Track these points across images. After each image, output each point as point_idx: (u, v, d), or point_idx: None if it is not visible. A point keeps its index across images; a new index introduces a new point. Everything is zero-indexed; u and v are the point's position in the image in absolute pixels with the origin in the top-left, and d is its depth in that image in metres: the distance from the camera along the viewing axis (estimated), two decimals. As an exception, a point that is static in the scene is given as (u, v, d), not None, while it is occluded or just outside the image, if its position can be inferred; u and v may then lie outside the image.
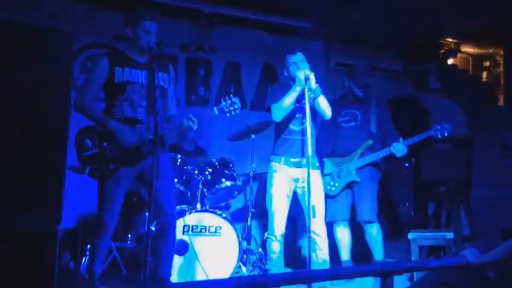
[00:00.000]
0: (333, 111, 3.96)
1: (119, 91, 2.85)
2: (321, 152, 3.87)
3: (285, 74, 3.52)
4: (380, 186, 3.93)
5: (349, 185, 3.84)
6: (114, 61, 2.86)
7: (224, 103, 2.98)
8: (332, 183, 3.85)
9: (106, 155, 2.80)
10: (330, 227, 3.82)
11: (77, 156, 2.81)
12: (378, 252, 3.79)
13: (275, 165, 3.46)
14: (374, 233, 3.80)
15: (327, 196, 3.85)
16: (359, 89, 3.91)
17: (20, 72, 1.59)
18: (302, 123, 3.41)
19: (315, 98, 3.31)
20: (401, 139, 3.69)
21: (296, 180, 3.44)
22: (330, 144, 3.99)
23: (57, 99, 1.67)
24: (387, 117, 3.95)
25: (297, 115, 3.43)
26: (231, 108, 2.97)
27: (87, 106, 2.85)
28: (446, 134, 3.63)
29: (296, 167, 3.41)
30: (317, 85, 3.27)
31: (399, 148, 3.67)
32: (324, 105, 3.38)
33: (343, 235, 3.90)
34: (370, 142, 3.80)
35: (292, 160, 3.42)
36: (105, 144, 2.81)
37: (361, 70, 4.01)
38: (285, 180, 3.43)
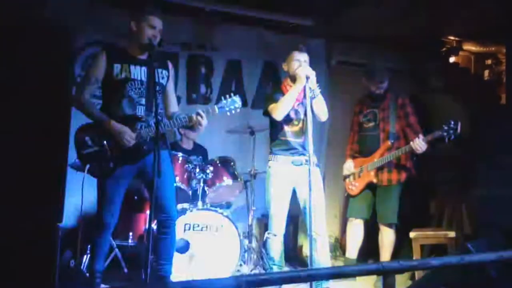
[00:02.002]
0: (357, 111, 4.02)
1: (118, 88, 2.83)
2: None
3: (284, 68, 3.49)
4: (405, 187, 3.89)
5: (369, 186, 3.84)
6: (112, 57, 2.84)
7: (224, 101, 2.97)
8: (353, 183, 3.90)
9: (106, 153, 2.80)
10: (344, 223, 3.98)
11: (77, 154, 2.80)
12: (386, 255, 3.80)
13: (273, 164, 3.45)
14: (388, 237, 3.81)
15: (349, 195, 3.95)
16: (374, 86, 3.89)
17: (20, 70, 1.59)
18: (296, 124, 3.41)
19: (313, 99, 3.30)
20: (421, 136, 3.57)
21: (295, 178, 3.43)
22: (355, 144, 4.00)
23: (57, 96, 1.66)
24: (408, 113, 3.87)
25: (292, 116, 3.43)
26: (232, 107, 2.97)
27: (86, 104, 2.84)
28: (452, 133, 3.45)
29: (295, 166, 3.41)
30: (317, 85, 3.26)
31: (418, 144, 3.54)
32: (321, 107, 3.37)
33: (356, 233, 3.92)
34: (389, 142, 3.78)
35: (291, 159, 3.41)
36: (105, 141, 2.80)
37: (375, 68, 4.00)
38: (284, 179, 3.42)
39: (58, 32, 1.65)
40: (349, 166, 3.97)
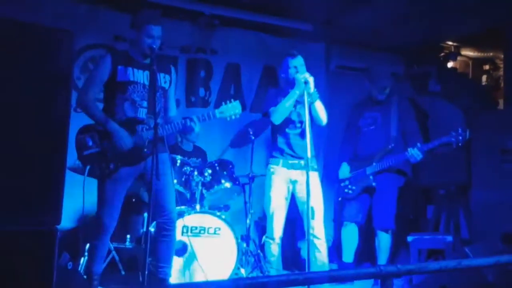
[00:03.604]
0: (356, 114, 4.00)
1: (121, 91, 2.85)
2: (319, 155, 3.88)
3: (282, 76, 3.52)
4: (401, 192, 3.88)
5: (367, 190, 3.84)
6: (116, 60, 2.87)
7: (225, 106, 3.00)
8: (350, 186, 3.88)
9: (106, 154, 2.81)
10: (340, 227, 3.97)
11: (77, 155, 2.81)
12: (383, 260, 3.80)
13: (273, 167, 3.47)
14: (384, 241, 3.81)
15: (344, 199, 3.90)
16: (377, 91, 3.89)
17: (21, 72, 1.59)
18: (298, 127, 3.43)
19: (311, 103, 3.31)
20: (418, 144, 3.58)
21: (295, 182, 3.45)
22: (352, 147, 3.99)
23: (58, 99, 1.66)
24: (409, 118, 3.88)
25: (293, 119, 3.44)
26: (232, 113, 3.00)
27: (89, 105, 2.85)
28: (461, 139, 3.46)
29: (295, 169, 3.42)
30: (315, 89, 3.28)
31: (413, 154, 3.56)
32: (320, 111, 3.38)
33: (350, 237, 3.91)
34: (389, 146, 3.78)
35: (290, 162, 3.43)
36: (105, 143, 2.81)
37: (379, 72, 4.00)
38: (283, 182, 3.44)
39: (61, 33, 1.65)
40: (345, 169, 3.96)
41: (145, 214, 3.81)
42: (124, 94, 2.85)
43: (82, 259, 3.43)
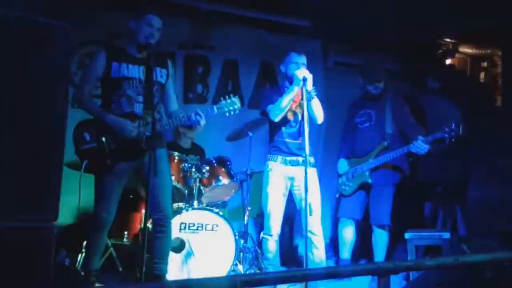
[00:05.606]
0: (351, 112, 4.00)
1: (116, 87, 2.85)
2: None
3: (282, 70, 3.51)
4: (398, 189, 3.88)
5: (363, 186, 3.84)
6: (111, 56, 2.86)
7: (223, 102, 2.98)
8: (347, 183, 3.88)
9: (104, 150, 2.80)
10: (337, 223, 3.99)
11: (75, 150, 2.81)
12: (380, 256, 3.81)
13: (271, 164, 3.47)
14: (381, 238, 3.82)
15: (341, 195, 3.91)
16: (371, 85, 3.88)
17: (18, 67, 1.58)
18: (294, 126, 3.42)
19: (309, 101, 3.31)
20: (420, 137, 3.54)
21: (292, 178, 3.45)
22: (349, 144, 3.99)
23: (55, 94, 1.66)
24: (405, 114, 3.86)
25: (290, 117, 3.43)
26: (231, 108, 2.99)
27: (85, 101, 2.85)
28: (454, 135, 3.44)
29: (292, 166, 3.42)
30: (313, 88, 3.27)
31: (419, 146, 3.52)
32: (317, 109, 3.38)
33: (347, 233, 3.92)
34: (385, 143, 3.78)
35: (288, 159, 3.43)
36: (103, 138, 2.81)
37: (372, 66, 3.98)
38: (281, 179, 3.44)
39: (58, 28, 1.65)
40: (342, 166, 3.97)
41: (143, 211, 3.81)
42: (120, 90, 2.85)
43: (80, 255, 3.43)
